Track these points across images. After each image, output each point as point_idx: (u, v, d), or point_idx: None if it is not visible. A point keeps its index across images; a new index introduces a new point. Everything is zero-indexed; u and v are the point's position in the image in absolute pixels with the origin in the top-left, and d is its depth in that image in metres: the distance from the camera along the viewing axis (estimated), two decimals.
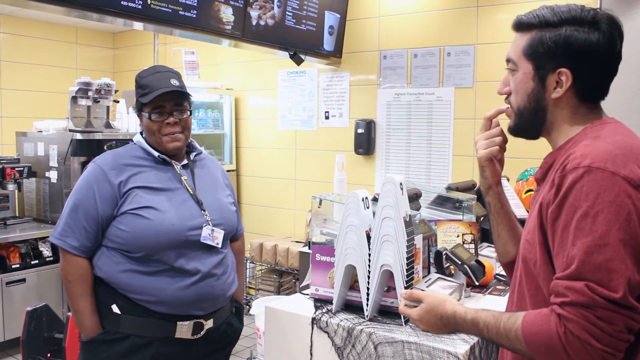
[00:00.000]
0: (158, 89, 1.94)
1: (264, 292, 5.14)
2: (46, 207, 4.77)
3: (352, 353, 1.78)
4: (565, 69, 1.25)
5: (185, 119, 2.02)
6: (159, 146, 2.01)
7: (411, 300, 1.52)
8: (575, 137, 1.28)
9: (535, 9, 1.32)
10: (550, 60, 1.27)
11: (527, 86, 1.32)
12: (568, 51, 1.25)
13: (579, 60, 1.25)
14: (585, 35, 1.24)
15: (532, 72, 1.30)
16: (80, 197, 1.94)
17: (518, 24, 1.34)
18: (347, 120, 5.13)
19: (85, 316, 1.91)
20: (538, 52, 1.28)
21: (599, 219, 1.09)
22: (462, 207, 2.54)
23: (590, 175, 1.12)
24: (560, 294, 1.12)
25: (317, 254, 1.99)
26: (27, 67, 6.21)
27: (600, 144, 1.17)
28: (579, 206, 1.11)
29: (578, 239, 1.11)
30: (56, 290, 4.50)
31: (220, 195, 2.13)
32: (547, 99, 1.29)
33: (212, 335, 2.03)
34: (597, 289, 1.07)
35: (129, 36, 6.86)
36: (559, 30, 1.26)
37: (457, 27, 4.50)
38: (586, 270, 1.09)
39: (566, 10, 1.28)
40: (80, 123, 4.64)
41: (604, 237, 1.08)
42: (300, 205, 5.47)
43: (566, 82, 1.25)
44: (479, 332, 1.29)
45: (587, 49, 1.24)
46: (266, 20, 4.21)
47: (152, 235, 1.88)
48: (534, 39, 1.29)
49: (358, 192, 1.85)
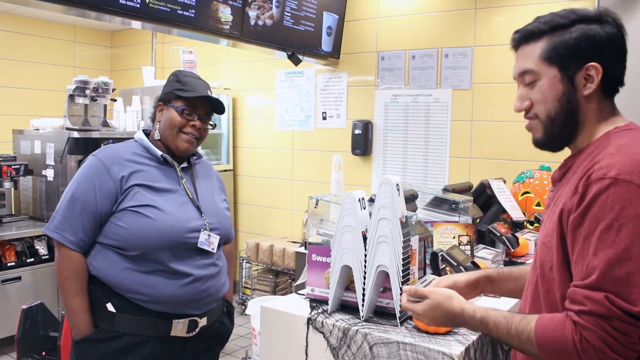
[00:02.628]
0: (200, 91, 2.00)
1: (259, 292, 5.14)
2: (42, 205, 4.77)
3: (348, 353, 1.78)
4: (594, 63, 1.26)
5: (206, 129, 2.07)
6: (172, 142, 2.01)
7: (416, 297, 1.50)
8: (597, 141, 1.28)
9: (534, 20, 1.33)
10: (575, 59, 1.27)
11: (556, 90, 1.29)
12: (592, 45, 1.26)
13: (603, 52, 1.26)
14: (602, 29, 1.26)
15: (559, 75, 1.28)
16: (80, 190, 1.91)
17: (527, 34, 1.33)
18: (345, 121, 5.14)
19: (79, 314, 1.89)
20: (562, 54, 1.28)
21: (622, 232, 1.10)
22: (458, 209, 2.54)
23: (617, 187, 1.12)
24: (578, 301, 1.13)
25: (313, 254, 1.99)
26: (25, 65, 6.21)
27: (626, 154, 1.17)
28: (603, 217, 1.12)
29: (600, 250, 1.11)
30: (52, 288, 4.49)
31: (217, 199, 2.14)
32: (578, 98, 1.29)
33: (206, 334, 2.03)
34: (616, 301, 1.09)
35: (127, 35, 6.86)
36: (573, 29, 1.27)
37: (455, 29, 4.51)
38: (606, 282, 1.10)
39: (570, 12, 1.30)
40: (77, 121, 4.63)
41: (626, 250, 1.09)
42: (296, 206, 5.47)
43: (597, 75, 1.26)
44: (488, 330, 1.30)
45: (609, 40, 1.26)
46: (264, 20, 4.21)
47: (152, 235, 1.87)
48: (553, 42, 1.28)
49: (355, 192, 1.85)
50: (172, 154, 2.04)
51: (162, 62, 6.32)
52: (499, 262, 2.54)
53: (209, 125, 2.08)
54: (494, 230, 2.58)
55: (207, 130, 2.08)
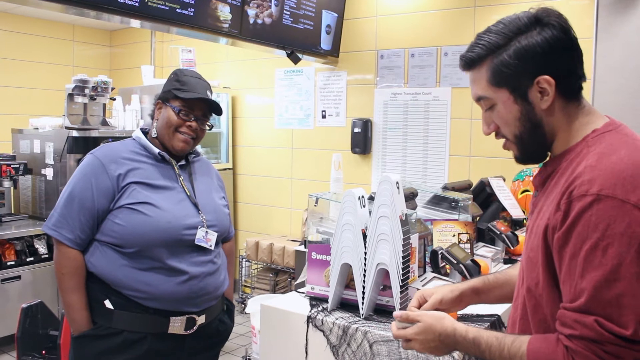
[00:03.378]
0: (198, 92, 2.00)
1: (259, 291, 5.14)
2: (42, 205, 4.76)
3: (348, 351, 1.78)
4: (543, 76, 1.21)
5: (203, 130, 2.07)
6: (168, 141, 2.02)
7: (407, 322, 1.41)
8: (576, 147, 1.23)
9: (473, 42, 1.28)
10: (521, 77, 1.22)
11: (513, 112, 1.25)
12: (534, 58, 1.21)
13: (548, 61, 1.21)
14: (541, 36, 1.20)
15: (511, 97, 1.24)
16: (77, 188, 1.92)
17: (469, 62, 1.29)
18: (344, 119, 5.13)
19: (77, 311, 1.90)
20: (505, 75, 1.23)
21: (609, 252, 1.06)
22: (458, 207, 2.54)
23: (600, 204, 1.07)
24: (568, 325, 1.10)
25: (313, 252, 2.00)
26: (24, 64, 6.20)
27: (606, 165, 1.12)
28: (588, 237, 1.08)
29: (587, 272, 1.08)
30: (51, 287, 4.49)
31: (215, 197, 2.14)
32: (538, 113, 1.24)
33: (204, 332, 2.03)
34: (607, 325, 1.05)
35: (126, 34, 6.85)
36: (512, 45, 1.22)
37: (454, 27, 4.51)
38: (596, 305, 1.06)
39: (506, 25, 1.24)
40: (76, 120, 4.63)
41: (614, 271, 1.05)
42: (296, 204, 5.47)
43: (550, 87, 1.21)
44: (481, 352, 1.25)
45: (551, 46, 1.20)
46: (263, 18, 4.21)
47: (149, 232, 1.88)
48: (494, 65, 1.24)
49: (354, 190, 1.85)
50: (170, 152, 2.05)
51: (161, 61, 6.32)
52: (498, 260, 2.55)
53: (206, 126, 2.08)
54: (493, 228, 2.58)
55: (204, 131, 2.08)
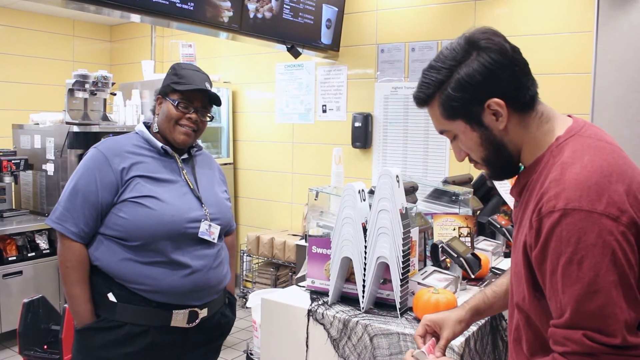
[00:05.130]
0: (196, 84, 2.01)
1: (260, 285, 5.15)
2: (43, 200, 4.77)
3: (348, 345, 1.79)
4: (491, 99, 1.22)
5: (204, 121, 2.08)
6: (169, 135, 2.03)
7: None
8: (542, 157, 1.24)
9: (419, 80, 1.33)
10: (471, 104, 1.24)
11: (473, 139, 1.27)
12: (478, 85, 1.22)
13: (492, 84, 1.22)
14: (477, 62, 1.21)
15: (467, 126, 1.26)
16: (81, 182, 1.93)
17: (420, 101, 1.33)
18: (345, 113, 5.13)
19: (81, 303, 1.91)
20: (456, 108, 1.25)
21: (584, 265, 1.06)
22: (458, 201, 2.54)
23: (567, 218, 1.08)
24: (560, 342, 1.10)
25: (314, 246, 2.00)
26: (24, 60, 6.20)
27: (570, 174, 1.12)
28: (562, 252, 1.08)
29: (567, 287, 1.08)
30: (53, 282, 4.50)
31: (217, 190, 2.15)
32: (497, 135, 1.25)
33: (207, 325, 2.04)
34: (596, 337, 1.05)
35: (126, 29, 6.84)
36: (454, 78, 1.24)
37: (454, 21, 4.49)
38: (580, 319, 1.07)
39: (445, 57, 1.26)
40: (77, 116, 4.63)
41: (592, 283, 1.05)
42: (297, 199, 5.47)
43: (502, 108, 1.22)
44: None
45: (490, 70, 1.21)
46: (264, 13, 4.20)
47: (153, 225, 1.89)
48: (443, 101, 1.27)
49: (354, 184, 1.86)
50: (173, 146, 2.05)
51: (161, 56, 6.31)
52: (499, 253, 2.55)
53: (207, 117, 2.08)
54: (494, 222, 2.58)
55: (205, 123, 2.09)
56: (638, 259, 1.09)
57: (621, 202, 1.08)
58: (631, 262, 1.07)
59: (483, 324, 1.80)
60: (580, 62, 3.92)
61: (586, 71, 3.80)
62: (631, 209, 1.08)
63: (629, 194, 1.10)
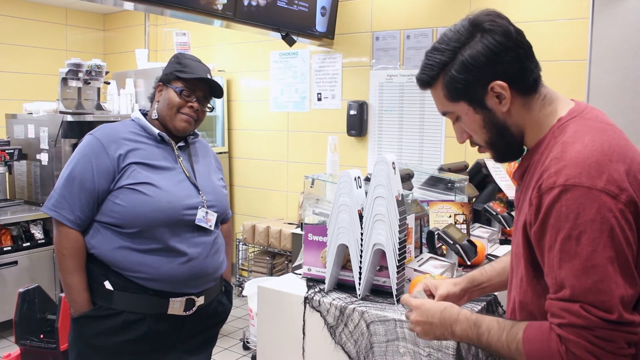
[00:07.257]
0: (199, 74, 2.03)
1: (256, 274, 5.16)
2: (37, 190, 4.75)
3: (345, 332, 1.79)
4: (495, 82, 1.22)
5: (204, 111, 2.09)
6: (170, 122, 2.03)
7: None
8: (544, 139, 1.25)
9: (423, 62, 1.31)
10: (475, 86, 1.24)
11: (476, 121, 1.28)
12: (482, 67, 1.22)
13: (495, 66, 1.22)
14: (481, 44, 1.22)
15: (470, 107, 1.27)
16: (77, 168, 1.92)
17: (424, 83, 1.32)
18: (340, 101, 5.12)
19: (77, 292, 1.91)
20: (459, 89, 1.26)
21: (582, 241, 1.08)
22: (454, 188, 2.55)
23: (567, 194, 1.09)
24: (557, 314, 1.11)
25: (310, 234, 2.00)
26: (17, 49, 6.14)
27: (570, 155, 1.13)
28: (561, 227, 1.10)
29: (564, 262, 1.10)
30: (48, 272, 4.50)
31: (213, 178, 2.16)
32: (500, 117, 1.26)
33: (203, 313, 2.04)
34: (593, 311, 1.07)
35: (119, 17, 6.79)
36: (457, 60, 1.24)
37: (449, 8, 4.48)
38: (578, 294, 1.08)
39: (448, 39, 1.26)
40: (70, 105, 4.60)
41: (590, 258, 1.07)
42: (292, 187, 5.46)
43: (505, 90, 1.23)
44: (478, 334, 1.24)
45: (494, 52, 1.21)
46: (258, 0, 4.17)
47: (149, 212, 1.88)
48: (446, 83, 1.27)
49: (350, 171, 1.85)
50: (170, 133, 2.05)
51: (155, 45, 6.26)
52: (494, 240, 2.56)
53: (207, 107, 2.10)
54: (489, 209, 2.59)
55: (204, 112, 2.10)
56: (636, 238, 1.10)
57: (621, 181, 1.09)
58: (629, 240, 1.09)
59: (479, 310, 1.80)
60: (575, 49, 3.91)
61: (581, 58, 3.79)
62: (630, 187, 1.10)
63: (629, 174, 1.11)
